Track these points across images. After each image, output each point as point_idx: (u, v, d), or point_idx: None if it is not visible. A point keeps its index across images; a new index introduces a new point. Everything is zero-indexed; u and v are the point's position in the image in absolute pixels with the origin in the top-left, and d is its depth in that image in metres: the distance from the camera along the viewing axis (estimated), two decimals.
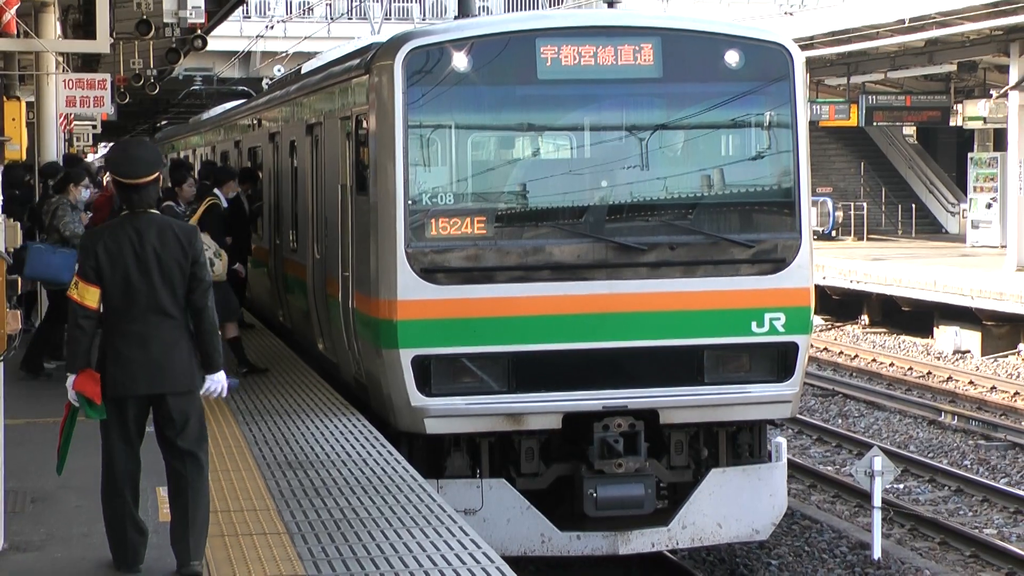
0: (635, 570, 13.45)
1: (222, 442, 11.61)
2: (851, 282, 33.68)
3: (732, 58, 12.57)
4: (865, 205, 47.16)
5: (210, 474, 8.08)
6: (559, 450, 12.46)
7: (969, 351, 29.17)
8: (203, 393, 7.90)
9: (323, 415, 12.81)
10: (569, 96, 12.57)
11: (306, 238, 16.12)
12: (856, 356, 29.61)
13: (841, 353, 30.13)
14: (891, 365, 28.18)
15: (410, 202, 12.12)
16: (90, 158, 46.65)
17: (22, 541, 8.62)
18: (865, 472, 14.34)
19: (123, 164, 7.84)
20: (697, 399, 12.37)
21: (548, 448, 12.46)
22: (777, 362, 12.53)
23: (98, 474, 7.92)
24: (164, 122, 53.88)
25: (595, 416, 12.18)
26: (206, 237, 14.55)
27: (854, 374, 27.72)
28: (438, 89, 12.26)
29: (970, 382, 25.73)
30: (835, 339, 32.47)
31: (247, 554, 8.38)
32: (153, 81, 29.49)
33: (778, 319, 12.46)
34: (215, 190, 15.97)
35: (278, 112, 18.72)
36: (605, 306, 12.21)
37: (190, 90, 46.98)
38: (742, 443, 12.90)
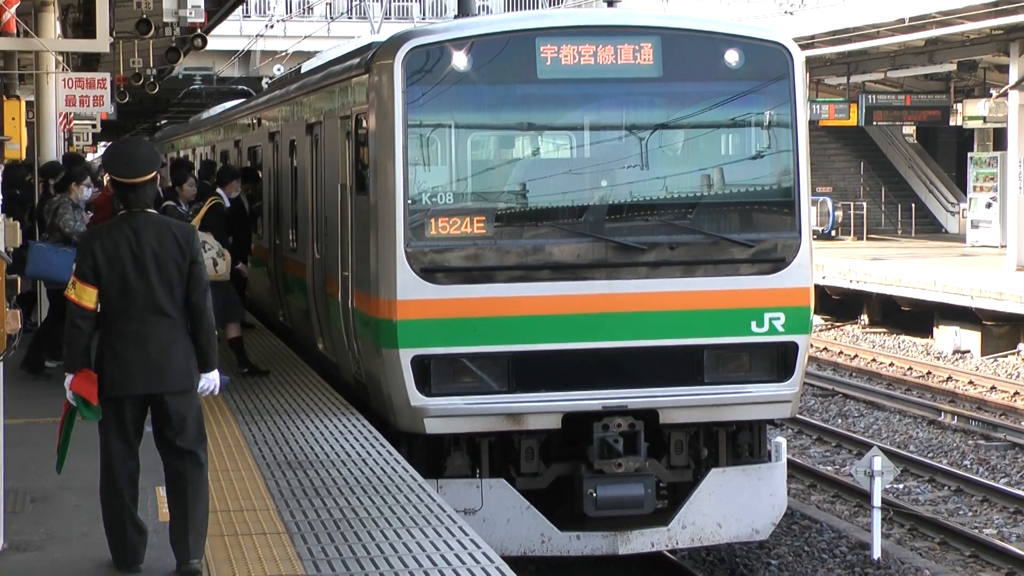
0: (635, 570, 13.45)
1: (222, 442, 11.60)
2: (851, 282, 33.66)
3: (732, 57, 12.57)
4: (865, 205, 47.15)
5: (210, 474, 8.08)
6: (559, 450, 12.46)
7: (969, 351, 29.16)
8: (197, 391, 7.90)
9: (323, 415, 12.81)
10: (569, 95, 12.56)
11: (306, 238, 16.11)
12: (856, 356, 29.60)
13: (841, 353, 30.12)
14: (891, 365, 28.17)
15: (410, 201, 12.11)
16: (89, 157, 46.59)
17: (22, 541, 8.62)
18: (865, 472, 14.34)
19: (120, 163, 7.83)
20: (697, 399, 12.37)
21: (548, 448, 12.46)
22: (777, 362, 12.53)
23: (98, 474, 7.91)
24: (164, 121, 53.88)
25: (595, 416, 12.17)
26: (209, 237, 14.54)
27: (854, 374, 27.70)
28: (438, 88, 12.25)
29: (970, 382, 25.71)
30: (835, 339, 32.46)
31: (247, 554, 8.37)
32: (153, 80, 29.50)
33: (778, 319, 12.46)
34: (218, 190, 15.94)
35: (278, 111, 18.71)
36: (605, 306, 12.20)
37: (190, 89, 46.98)
38: (742, 443, 12.90)
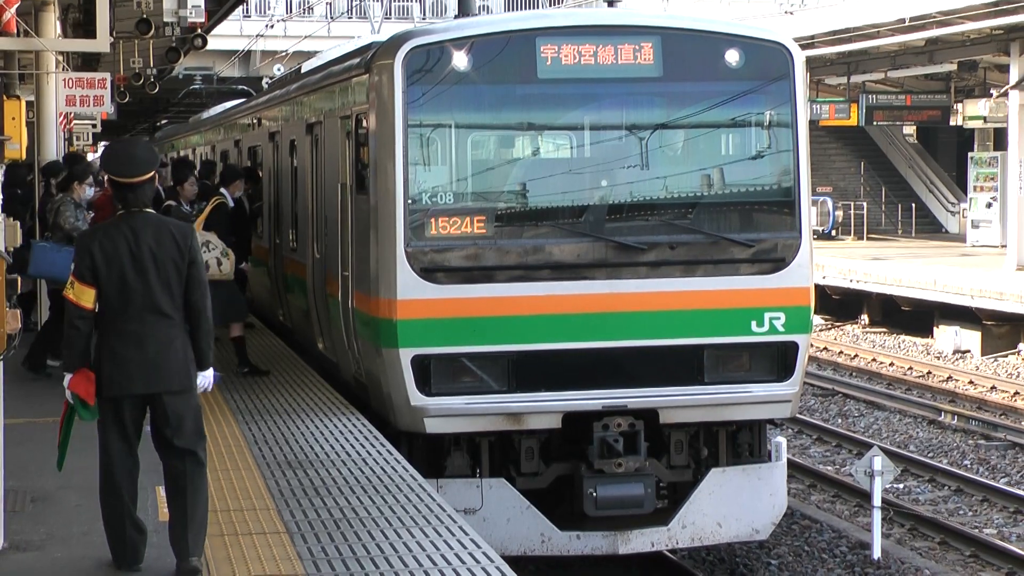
0: (635, 570, 13.45)
1: (222, 441, 11.60)
2: (851, 282, 33.66)
3: (732, 57, 12.57)
4: (865, 204, 47.15)
5: (210, 473, 8.08)
6: (559, 450, 12.46)
7: (969, 351, 29.16)
8: (196, 390, 7.90)
9: (323, 414, 12.81)
10: (569, 95, 12.56)
11: (306, 237, 16.11)
12: (856, 356, 29.60)
13: (841, 353, 30.11)
14: (891, 365, 28.16)
15: (410, 201, 12.11)
16: (90, 157, 46.58)
17: (22, 540, 8.62)
18: (865, 472, 14.34)
19: (118, 163, 7.83)
20: (697, 399, 12.37)
21: (548, 448, 12.46)
22: (777, 362, 12.53)
23: (98, 473, 7.91)
24: (164, 121, 53.87)
25: (595, 416, 12.17)
26: (213, 236, 14.54)
27: (854, 374, 27.70)
28: (438, 88, 12.25)
29: (970, 382, 25.71)
30: (835, 339, 32.46)
31: (247, 553, 8.37)
32: (153, 80, 29.50)
33: (778, 319, 12.46)
34: (222, 189, 15.91)
35: (278, 111, 18.71)
36: (605, 305, 12.20)
37: (190, 89, 46.98)
38: (742, 443, 12.90)
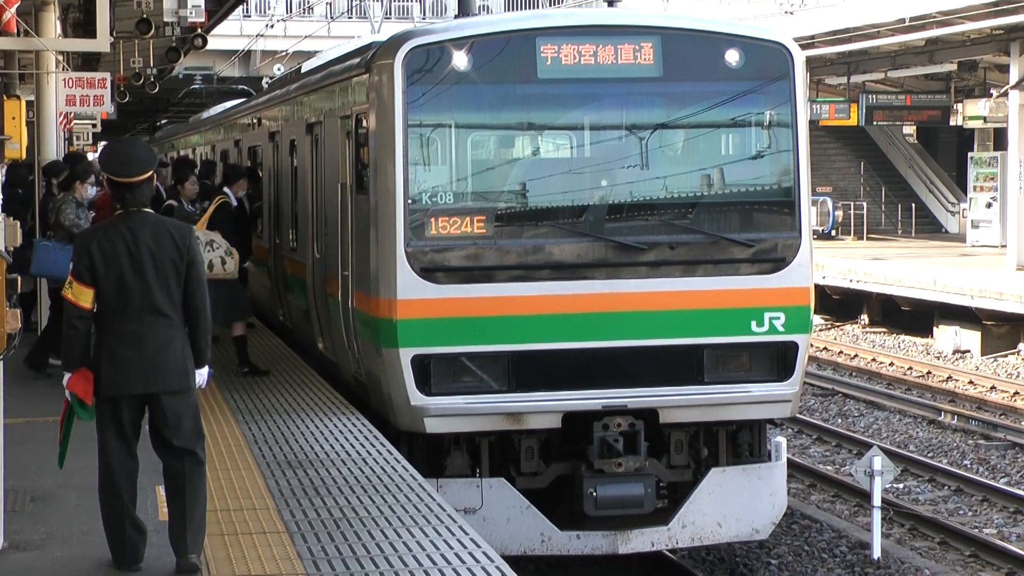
0: (635, 569, 13.45)
1: (221, 441, 11.61)
2: (851, 281, 33.66)
3: (732, 57, 12.57)
4: (865, 204, 47.15)
5: (209, 473, 8.09)
6: (559, 449, 12.46)
7: (969, 351, 29.16)
8: (194, 390, 7.90)
9: (323, 414, 12.81)
10: (569, 95, 12.56)
11: (306, 237, 16.12)
12: (856, 356, 29.60)
13: (841, 353, 30.11)
14: (891, 365, 28.16)
15: (410, 201, 12.11)
16: (90, 157, 46.54)
17: (22, 540, 8.62)
18: (865, 472, 14.34)
19: (117, 163, 7.83)
20: (697, 398, 12.37)
21: (548, 447, 12.46)
22: (777, 361, 12.53)
23: (97, 473, 7.91)
24: (164, 121, 53.86)
25: (595, 415, 12.17)
26: (217, 235, 14.55)
27: (854, 374, 27.70)
28: (438, 88, 12.26)
29: (970, 382, 25.71)
30: (835, 339, 32.46)
31: (247, 553, 8.38)
32: (153, 80, 29.49)
33: (778, 318, 12.46)
34: (225, 188, 15.90)
35: (278, 111, 18.71)
36: (605, 305, 12.20)
37: (190, 89, 46.97)
38: (742, 442, 12.90)
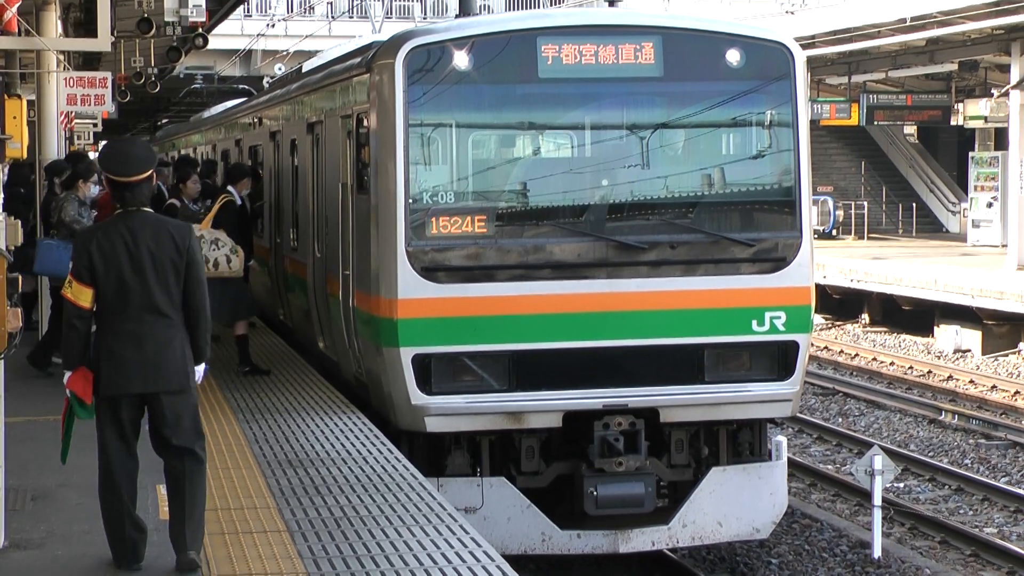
0: (635, 569, 13.45)
1: (222, 440, 11.61)
2: (851, 281, 33.66)
3: (733, 57, 12.57)
4: (866, 204, 47.13)
5: (210, 472, 8.10)
6: (559, 449, 12.47)
7: (969, 350, 29.15)
8: (194, 389, 7.90)
9: (323, 413, 12.81)
10: (570, 95, 12.57)
11: (307, 236, 16.12)
12: (856, 355, 29.59)
13: (841, 352, 30.11)
14: (891, 364, 28.16)
15: (411, 201, 12.12)
16: (91, 156, 46.51)
17: (22, 539, 8.62)
18: (865, 471, 14.34)
19: (116, 162, 7.83)
20: (697, 398, 12.37)
21: (548, 447, 12.47)
22: (777, 361, 12.53)
23: (97, 472, 7.92)
24: (165, 120, 53.85)
25: (595, 415, 12.18)
26: (222, 234, 14.56)
27: (854, 373, 27.69)
28: (439, 88, 12.26)
29: (970, 381, 25.71)
30: (835, 338, 32.45)
31: (247, 552, 8.38)
32: (154, 79, 29.47)
33: (779, 318, 12.46)
34: (229, 187, 15.89)
35: (279, 111, 18.71)
36: (606, 305, 12.21)
37: (191, 88, 46.95)
38: (742, 442, 12.91)
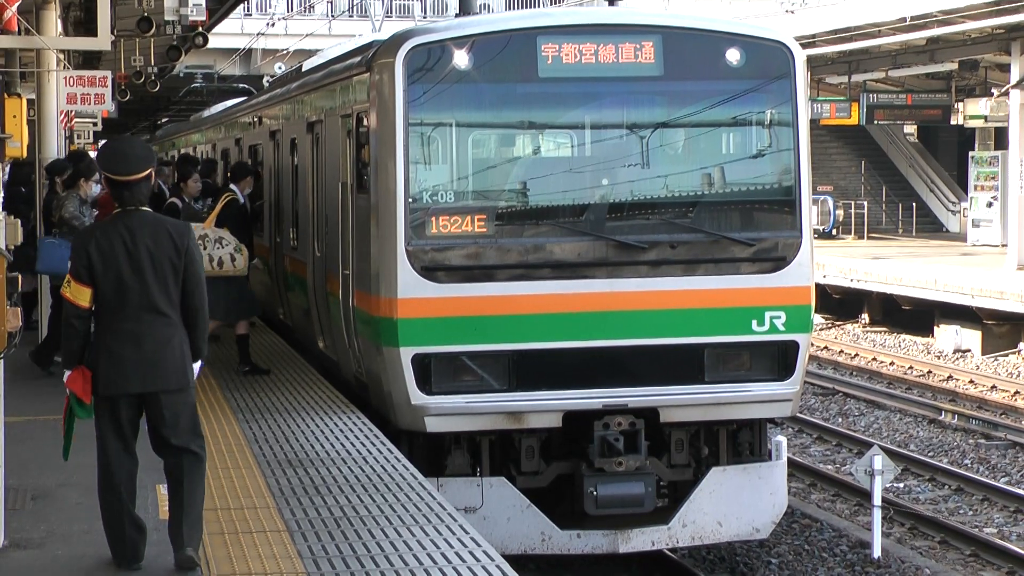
0: (635, 569, 13.45)
1: (222, 440, 11.61)
2: (851, 281, 33.65)
3: (733, 56, 12.57)
4: (866, 204, 47.13)
5: (210, 471, 8.09)
6: (559, 448, 12.46)
7: (969, 350, 29.15)
8: (192, 388, 7.90)
9: (323, 413, 12.81)
10: (570, 94, 12.56)
11: (307, 236, 16.11)
12: (856, 355, 29.59)
13: (841, 352, 30.10)
14: (891, 364, 28.16)
15: (410, 200, 12.11)
16: (92, 155, 46.50)
17: (22, 538, 8.62)
18: (865, 471, 14.34)
19: (114, 161, 7.82)
20: (697, 398, 12.37)
21: (548, 446, 12.46)
22: (777, 361, 12.53)
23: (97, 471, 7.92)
24: (165, 119, 53.86)
25: (595, 414, 12.18)
26: (225, 232, 14.55)
27: (854, 373, 27.69)
28: (439, 87, 12.25)
29: (970, 381, 25.71)
30: (835, 338, 32.45)
31: (247, 552, 8.38)
32: (154, 78, 29.49)
33: (779, 318, 12.46)
34: (231, 185, 15.87)
35: (279, 110, 18.71)
36: (606, 304, 12.20)
37: (191, 87, 46.96)
38: (742, 441, 12.90)
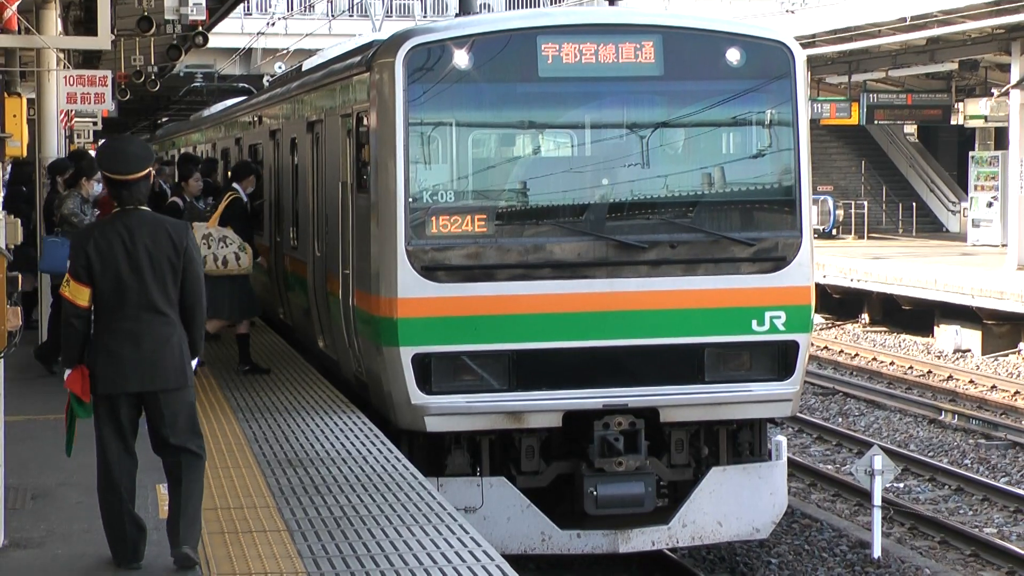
0: (635, 568, 13.45)
1: (222, 439, 11.60)
2: (851, 281, 33.65)
3: (733, 56, 12.56)
4: (866, 204, 47.14)
5: (209, 471, 8.09)
6: (559, 448, 12.46)
7: (969, 350, 29.15)
8: (191, 387, 7.90)
9: (323, 412, 12.81)
10: (570, 94, 12.56)
11: (307, 235, 16.11)
12: (856, 355, 29.59)
13: (841, 352, 30.10)
14: (891, 364, 28.15)
15: (410, 200, 12.11)
16: (92, 154, 46.46)
17: (22, 538, 8.62)
18: (865, 471, 14.33)
19: (113, 160, 7.82)
20: (697, 397, 12.37)
21: (548, 446, 12.46)
22: (777, 360, 12.53)
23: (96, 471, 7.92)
24: (165, 119, 53.85)
25: (595, 414, 12.18)
26: (229, 231, 14.55)
27: (854, 373, 27.69)
28: (439, 87, 12.25)
29: (970, 381, 25.71)
30: (835, 338, 32.45)
31: (247, 551, 8.37)
32: (154, 78, 29.50)
33: (779, 317, 12.46)
34: (234, 184, 15.86)
35: (279, 109, 18.70)
36: (606, 304, 12.20)
37: (191, 87, 46.95)
38: (742, 441, 12.90)
